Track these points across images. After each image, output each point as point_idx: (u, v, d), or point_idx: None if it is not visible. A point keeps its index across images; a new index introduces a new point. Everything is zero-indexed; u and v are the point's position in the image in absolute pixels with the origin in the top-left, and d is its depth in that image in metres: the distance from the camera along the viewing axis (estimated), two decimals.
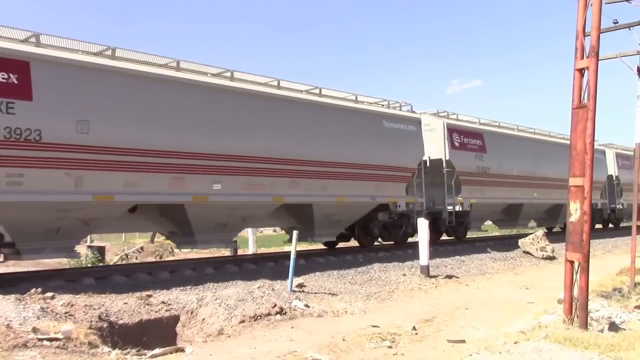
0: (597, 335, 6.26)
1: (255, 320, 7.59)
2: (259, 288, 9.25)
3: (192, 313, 8.13)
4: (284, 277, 10.25)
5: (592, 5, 6.79)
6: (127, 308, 8.06)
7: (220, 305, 8.00)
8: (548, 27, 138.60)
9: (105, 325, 7.29)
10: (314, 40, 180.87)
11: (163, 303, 8.52)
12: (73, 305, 7.53)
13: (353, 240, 16.63)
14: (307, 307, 8.47)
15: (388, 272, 12.45)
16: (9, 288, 8.37)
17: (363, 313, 8.70)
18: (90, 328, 6.88)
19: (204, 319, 7.83)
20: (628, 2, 9.43)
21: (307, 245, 16.20)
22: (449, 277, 12.65)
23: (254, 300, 8.21)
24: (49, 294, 7.92)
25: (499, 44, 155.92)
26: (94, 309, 7.59)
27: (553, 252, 16.73)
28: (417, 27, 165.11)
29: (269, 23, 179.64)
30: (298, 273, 10.58)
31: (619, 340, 6.07)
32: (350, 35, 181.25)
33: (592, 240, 7.07)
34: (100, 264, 19.84)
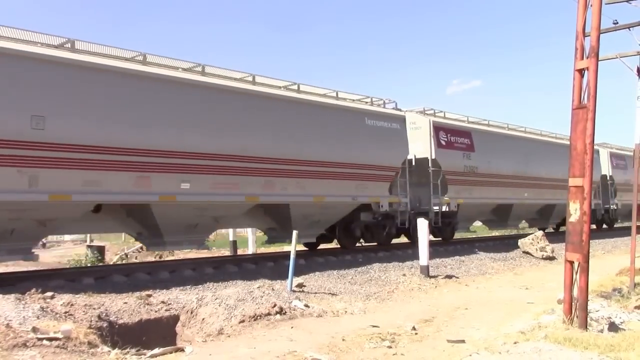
0: (596, 336, 6.26)
1: (255, 320, 7.59)
2: (259, 288, 9.26)
3: (191, 313, 8.13)
4: (284, 277, 10.25)
5: (592, 6, 6.80)
6: (126, 308, 8.07)
7: (220, 305, 8.00)
8: (548, 27, 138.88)
9: (105, 325, 7.29)
10: (314, 40, 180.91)
11: (163, 303, 8.53)
12: (73, 305, 7.54)
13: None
14: (307, 307, 8.47)
15: (388, 272, 12.46)
16: (9, 287, 8.37)
17: (363, 313, 8.70)
18: (90, 328, 6.88)
19: (204, 319, 7.83)
20: (628, 2, 9.44)
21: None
22: (449, 277, 12.65)
23: (254, 300, 8.21)
24: (49, 294, 7.94)
25: (499, 44, 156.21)
26: (94, 309, 7.60)
27: (553, 252, 16.74)
28: (417, 27, 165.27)
29: (269, 23, 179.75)
30: (298, 273, 10.58)
31: (619, 341, 6.08)
32: (350, 35, 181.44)
33: (591, 241, 7.07)
34: (100, 264, 19.89)
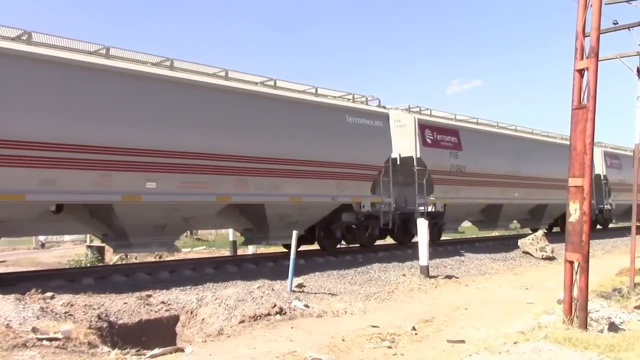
0: (596, 336, 6.27)
1: (255, 321, 7.59)
2: (259, 288, 9.25)
3: (191, 313, 8.13)
4: (284, 277, 10.25)
5: (592, 6, 6.80)
6: (126, 308, 8.07)
7: (220, 305, 8.00)
8: (548, 27, 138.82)
9: (105, 325, 7.29)
10: (314, 40, 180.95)
11: (163, 303, 8.53)
12: (73, 305, 7.54)
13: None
14: (306, 307, 8.47)
15: (388, 272, 12.47)
16: (9, 288, 8.37)
17: (363, 313, 8.70)
18: (90, 328, 6.88)
19: (204, 319, 7.83)
20: (628, 2, 9.43)
21: (306, 246, 16.12)
22: (449, 277, 12.66)
23: (254, 301, 8.21)
24: (49, 294, 7.94)
25: (499, 44, 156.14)
26: (94, 309, 7.60)
27: (552, 252, 16.74)
28: (417, 27, 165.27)
29: (269, 23, 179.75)
30: (298, 273, 10.58)
31: (619, 341, 6.08)
32: (350, 35, 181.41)
33: (591, 241, 7.07)
34: (100, 264, 19.86)
